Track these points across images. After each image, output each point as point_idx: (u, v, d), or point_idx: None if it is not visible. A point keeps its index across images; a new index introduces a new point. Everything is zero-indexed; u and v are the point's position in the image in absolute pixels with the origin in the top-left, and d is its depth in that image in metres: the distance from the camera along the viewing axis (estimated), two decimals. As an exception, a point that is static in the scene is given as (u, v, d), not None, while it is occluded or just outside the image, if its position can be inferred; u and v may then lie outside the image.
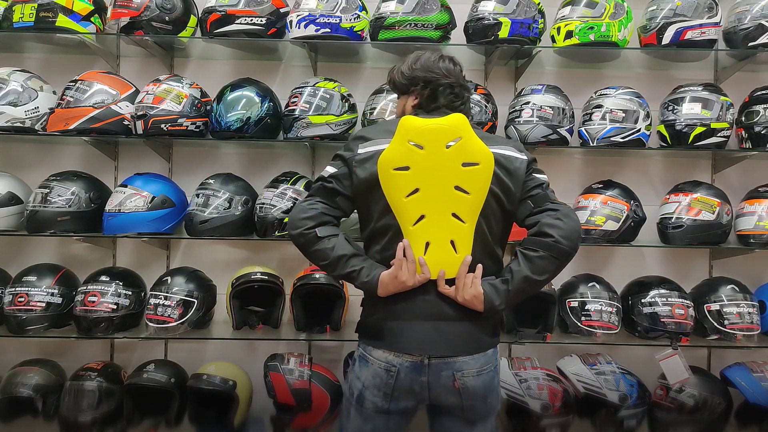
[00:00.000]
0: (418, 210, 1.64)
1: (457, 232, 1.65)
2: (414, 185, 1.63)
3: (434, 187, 1.63)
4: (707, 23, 2.68)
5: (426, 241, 1.65)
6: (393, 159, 1.63)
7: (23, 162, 2.93)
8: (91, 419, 2.52)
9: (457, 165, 1.63)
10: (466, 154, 1.63)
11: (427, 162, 1.62)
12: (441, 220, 1.64)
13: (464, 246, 1.66)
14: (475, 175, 1.64)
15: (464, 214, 1.65)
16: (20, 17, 2.63)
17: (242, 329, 2.70)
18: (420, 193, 1.63)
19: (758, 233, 2.66)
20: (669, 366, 2.55)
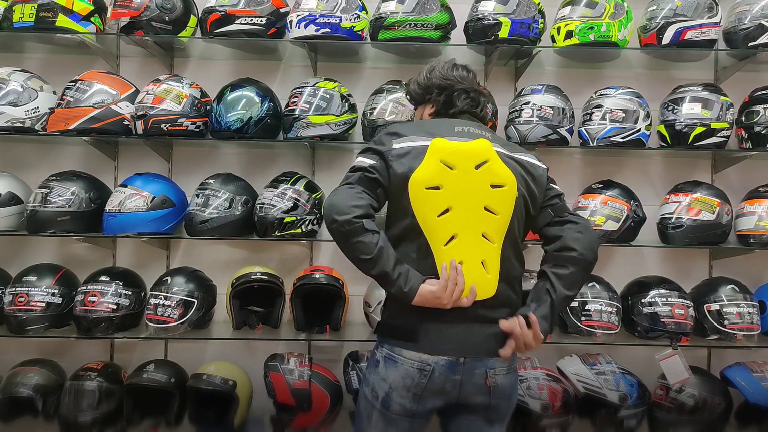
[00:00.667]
0: (450, 230, 1.67)
1: (487, 252, 1.69)
2: (446, 205, 1.66)
3: (465, 207, 1.67)
4: (707, 23, 2.68)
5: (459, 260, 1.67)
6: (425, 178, 1.65)
7: (23, 162, 2.93)
8: (91, 419, 2.51)
9: (486, 186, 1.68)
10: (493, 175, 1.69)
11: (458, 182, 1.67)
12: (472, 240, 1.68)
13: (493, 266, 1.70)
14: (503, 197, 1.69)
15: (493, 234, 1.70)
16: (20, 17, 2.63)
17: (242, 329, 2.70)
18: (451, 213, 1.66)
19: (758, 233, 2.66)
20: (669, 366, 2.55)
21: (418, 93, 1.93)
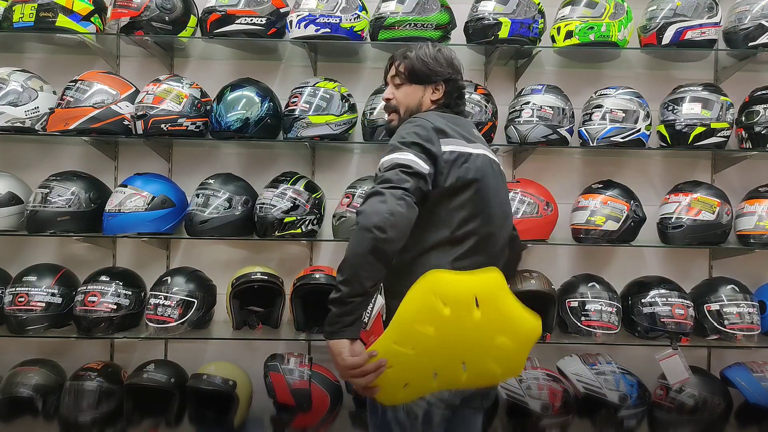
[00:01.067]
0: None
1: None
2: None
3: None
4: (707, 23, 2.68)
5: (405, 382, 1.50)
6: (439, 297, 1.43)
7: (23, 162, 2.93)
8: (91, 419, 2.52)
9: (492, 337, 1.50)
10: (503, 361, 1.54)
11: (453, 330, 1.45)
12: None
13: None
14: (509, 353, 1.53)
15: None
16: (20, 17, 2.63)
17: (242, 329, 2.70)
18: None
19: (758, 233, 2.66)
20: (669, 366, 2.55)
21: (424, 73, 1.76)
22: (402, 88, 1.80)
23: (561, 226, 2.76)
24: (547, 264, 2.91)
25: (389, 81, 1.83)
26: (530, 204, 2.64)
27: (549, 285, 2.69)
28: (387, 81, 1.85)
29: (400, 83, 1.80)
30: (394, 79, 1.81)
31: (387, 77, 1.85)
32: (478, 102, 2.66)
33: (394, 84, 1.81)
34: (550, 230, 2.72)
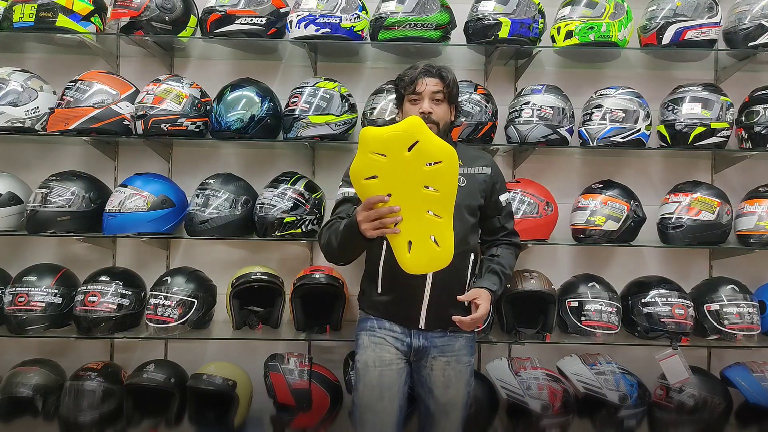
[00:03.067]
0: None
1: (436, 227, 1.73)
2: (385, 191, 1.70)
3: (404, 189, 1.69)
4: (707, 23, 2.68)
5: (408, 239, 1.72)
6: (360, 170, 1.70)
7: (23, 162, 2.93)
8: (91, 419, 2.52)
9: (421, 166, 1.68)
10: (426, 155, 1.68)
11: (392, 168, 1.68)
12: (418, 219, 1.71)
13: (446, 239, 1.74)
14: (440, 173, 1.69)
15: (439, 210, 1.72)
16: (20, 17, 2.63)
17: (242, 329, 2.70)
18: (393, 198, 1.70)
19: (758, 233, 2.66)
20: (669, 366, 2.56)
21: (456, 93, 2.08)
22: (442, 105, 2.03)
23: (561, 226, 2.76)
24: (547, 264, 2.91)
25: (429, 96, 2.01)
26: (530, 204, 2.64)
27: (549, 285, 2.69)
28: (420, 92, 2.00)
29: (442, 100, 2.03)
30: (436, 95, 2.01)
31: (423, 89, 2.00)
32: (478, 102, 2.66)
33: (435, 99, 2.01)
34: (550, 230, 2.72)
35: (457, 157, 1.71)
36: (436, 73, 2.02)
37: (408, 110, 2.04)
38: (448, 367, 2.05)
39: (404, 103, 2.07)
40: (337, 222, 1.94)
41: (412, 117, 1.71)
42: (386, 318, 2.05)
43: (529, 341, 2.66)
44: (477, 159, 2.12)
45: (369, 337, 2.06)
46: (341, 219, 1.95)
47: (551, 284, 2.70)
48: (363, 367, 2.04)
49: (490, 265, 2.09)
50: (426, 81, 2.01)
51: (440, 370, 2.04)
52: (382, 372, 2.01)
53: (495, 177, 2.12)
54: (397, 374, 2.02)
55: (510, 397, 2.57)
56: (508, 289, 2.66)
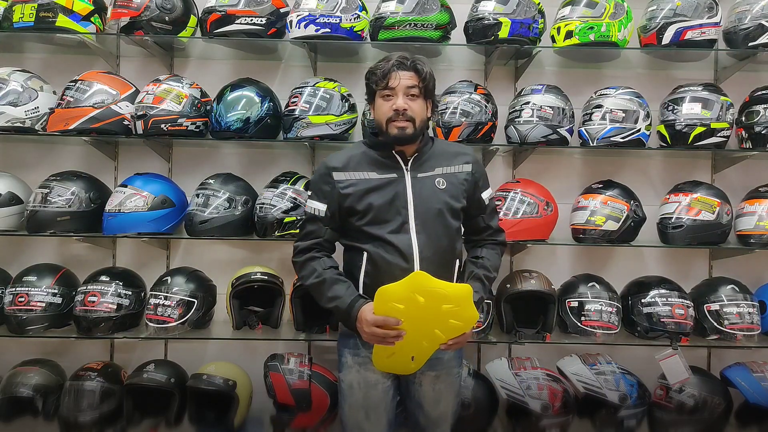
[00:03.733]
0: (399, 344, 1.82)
1: (421, 352, 1.86)
2: (401, 317, 1.78)
3: (418, 326, 1.80)
4: (707, 23, 2.68)
5: (393, 352, 1.83)
6: (395, 296, 1.77)
7: (23, 162, 2.93)
8: (91, 419, 2.52)
9: (446, 320, 1.81)
10: (456, 316, 1.81)
11: (421, 310, 1.77)
12: (412, 345, 1.83)
13: (422, 360, 1.87)
14: (456, 329, 1.83)
15: (432, 343, 1.84)
16: (20, 17, 2.63)
17: (242, 329, 2.70)
18: (404, 324, 1.79)
19: (758, 233, 2.66)
20: (669, 366, 2.56)
21: (433, 87, 1.96)
22: (417, 100, 1.91)
23: (561, 226, 2.76)
24: (547, 264, 2.91)
25: (404, 91, 1.88)
26: (530, 204, 2.64)
27: (549, 285, 2.69)
28: (393, 87, 1.89)
29: (417, 95, 1.90)
30: (411, 90, 1.89)
31: (397, 84, 1.88)
32: (478, 102, 2.66)
33: (410, 95, 1.89)
34: (550, 230, 2.72)
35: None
36: (410, 65, 1.89)
37: (380, 106, 1.92)
38: (438, 381, 1.99)
39: (376, 99, 1.94)
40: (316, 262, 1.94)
41: (465, 287, 1.78)
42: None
43: (529, 341, 2.66)
44: (456, 156, 2.01)
45: (352, 357, 1.97)
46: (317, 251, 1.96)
47: (551, 284, 2.70)
48: (348, 388, 1.98)
49: (473, 270, 2.01)
50: (400, 75, 1.88)
51: (430, 385, 1.98)
52: (367, 393, 1.95)
53: (477, 174, 2.02)
54: (383, 393, 1.97)
55: (510, 397, 2.57)
56: (507, 288, 2.67)
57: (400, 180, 1.93)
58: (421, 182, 1.93)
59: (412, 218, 1.89)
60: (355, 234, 1.93)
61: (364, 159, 1.96)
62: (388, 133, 1.91)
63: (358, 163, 1.95)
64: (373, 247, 1.89)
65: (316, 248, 1.96)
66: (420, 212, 1.90)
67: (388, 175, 1.93)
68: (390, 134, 1.90)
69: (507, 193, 2.68)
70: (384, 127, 1.91)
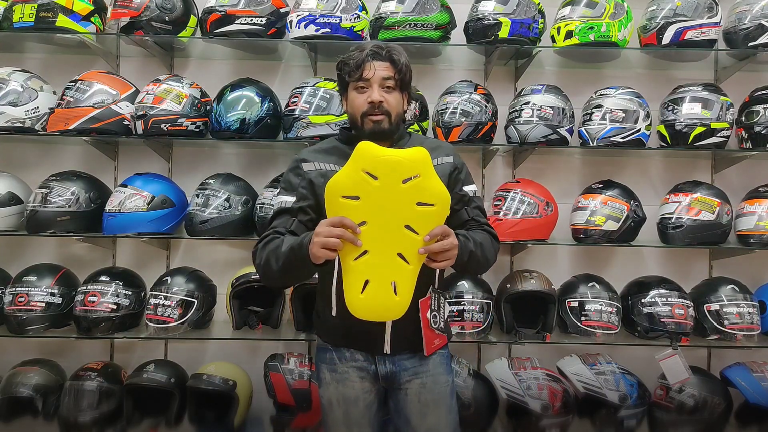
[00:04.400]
0: (363, 244, 1.51)
1: (401, 273, 1.54)
2: (361, 217, 1.51)
3: (383, 222, 1.51)
4: (707, 23, 2.68)
5: (365, 278, 1.53)
6: (344, 185, 1.51)
7: (23, 162, 2.93)
8: (91, 419, 2.52)
9: (412, 203, 1.52)
10: (422, 193, 1.52)
11: (379, 195, 1.51)
12: (385, 259, 1.52)
13: (406, 289, 1.55)
14: (429, 217, 1.53)
15: (411, 255, 1.53)
16: (20, 17, 2.63)
17: (242, 329, 2.70)
18: (367, 227, 1.51)
19: (758, 233, 2.66)
20: (669, 366, 2.56)
21: (408, 80, 1.80)
22: (393, 93, 1.77)
23: (561, 226, 2.76)
24: (547, 264, 2.91)
25: (378, 82, 1.74)
26: (530, 204, 2.64)
27: (549, 285, 2.69)
28: (368, 78, 1.74)
29: (393, 87, 1.76)
30: (387, 82, 1.75)
31: (372, 75, 1.74)
32: (478, 102, 2.66)
33: (386, 87, 1.75)
34: (550, 230, 2.72)
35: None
36: (386, 55, 1.75)
37: (353, 99, 1.78)
38: (424, 390, 1.80)
39: (349, 91, 1.80)
40: (276, 239, 1.70)
41: (420, 149, 1.53)
42: (345, 346, 1.80)
43: (529, 341, 2.66)
44: (436, 149, 1.84)
45: (330, 372, 1.83)
46: (278, 235, 1.72)
47: (551, 284, 2.70)
48: (327, 404, 1.84)
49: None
50: (374, 65, 1.74)
51: (415, 395, 1.81)
52: (348, 410, 1.81)
53: (459, 166, 1.86)
54: (366, 409, 1.82)
55: (510, 397, 2.57)
56: (507, 288, 2.66)
57: None
58: None
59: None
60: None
61: (336, 153, 1.82)
62: (362, 128, 1.77)
63: (329, 155, 1.82)
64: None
65: (275, 234, 1.75)
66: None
67: None
68: (365, 129, 1.76)
69: (507, 193, 2.68)
70: (359, 122, 1.78)
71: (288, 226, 1.74)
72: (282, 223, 1.76)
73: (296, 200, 1.78)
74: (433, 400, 1.82)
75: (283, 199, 1.80)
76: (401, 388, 1.82)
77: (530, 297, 2.65)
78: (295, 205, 1.77)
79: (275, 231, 1.74)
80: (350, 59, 1.77)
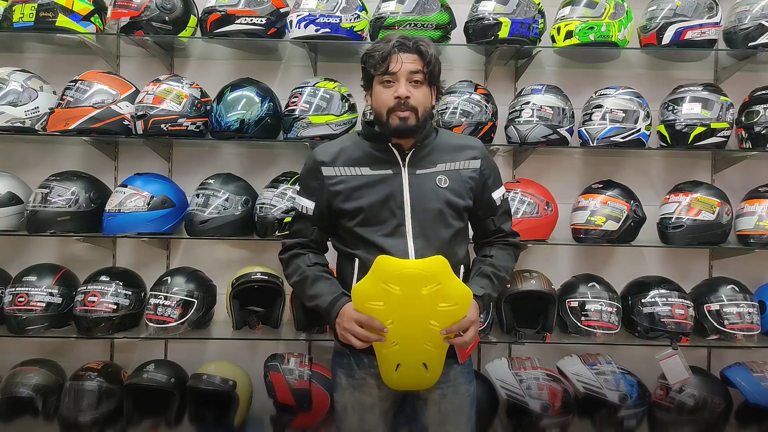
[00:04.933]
0: (392, 338, 1.64)
1: (429, 357, 1.67)
2: (388, 318, 1.62)
3: (409, 321, 1.63)
4: (707, 23, 2.68)
5: (398, 363, 1.67)
6: (368, 294, 1.62)
7: (23, 162, 2.93)
8: (91, 419, 2.51)
9: (434, 306, 1.62)
10: (443, 298, 1.62)
11: (402, 301, 1.61)
12: (413, 348, 1.65)
13: (436, 365, 1.68)
14: (451, 314, 1.63)
15: (437, 343, 1.65)
16: (20, 17, 2.63)
17: (242, 329, 2.70)
18: (394, 325, 1.62)
19: (758, 233, 2.66)
20: (669, 366, 2.56)
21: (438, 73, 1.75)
22: (421, 87, 1.71)
23: (561, 226, 2.76)
24: (547, 264, 2.91)
25: (406, 76, 1.68)
26: (530, 204, 2.64)
27: (549, 285, 2.69)
28: (394, 72, 1.67)
29: (421, 82, 1.70)
30: (414, 75, 1.68)
31: (399, 68, 1.67)
32: (478, 102, 2.66)
33: (414, 81, 1.69)
34: (550, 230, 2.72)
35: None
36: (413, 47, 1.67)
37: (379, 94, 1.70)
38: (445, 400, 1.77)
39: (374, 85, 1.73)
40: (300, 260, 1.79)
41: (438, 258, 1.60)
42: (364, 352, 1.73)
43: (529, 341, 2.66)
44: (462, 150, 1.80)
45: (347, 378, 1.80)
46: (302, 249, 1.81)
47: (551, 284, 2.70)
48: (342, 410, 1.81)
49: (480, 267, 1.81)
50: (401, 58, 1.66)
51: (435, 405, 1.77)
52: (362, 417, 1.78)
53: (486, 171, 1.80)
54: (381, 417, 1.79)
55: (510, 397, 2.57)
56: (507, 288, 2.66)
57: (395, 177, 1.73)
58: (419, 179, 1.73)
59: (409, 220, 1.70)
60: (346, 237, 1.77)
61: (356, 152, 1.77)
62: (388, 124, 1.70)
63: (349, 157, 1.76)
64: (365, 252, 1.70)
65: (301, 246, 1.82)
66: (418, 213, 1.70)
67: (382, 171, 1.73)
68: (390, 125, 1.70)
69: (507, 193, 2.67)
70: (384, 117, 1.70)
71: (309, 235, 1.81)
72: (303, 231, 1.82)
73: (315, 206, 1.78)
74: (452, 410, 1.78)
75: (303, 204, 1.81)
76: (420, 397, 1.79)
77: (530, 297, 2.65)
78: (316, 212, 1.78)
79: (298, 243, 1.82)
80: (375, 51, 1.69)
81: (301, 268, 1.78)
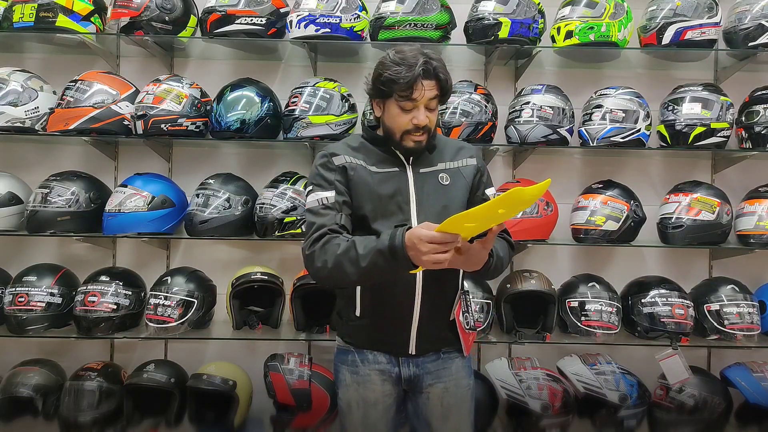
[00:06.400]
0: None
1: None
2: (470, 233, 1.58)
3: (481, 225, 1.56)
4: (707, 23, 2.68)
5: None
6: (483, 220, 1.52)
7: (23, 162, 2.93)
8: (91, 419, 2.51)
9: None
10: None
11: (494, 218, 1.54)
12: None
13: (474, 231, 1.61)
14: (503, 217, 1.55)
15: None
16: (20, 17, 2.63)
17: (242, 329, 2.70)
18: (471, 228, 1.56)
19: (758, 233, 2.66)
20: (669, 366, 2.56)
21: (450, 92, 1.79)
22: (435, 110, 1.76)
23: (561, 226, 2.76)
24: (547, 264, 2.91)
25: (426, 103, 1.71)
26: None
27: (549, 285, 2.69)
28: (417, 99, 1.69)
29: (435, 106, 1.76)
30: (431, 102, 1.72)
31: (421, 96, 1.69)
32: (478, 102, 2.66)
33: (431, 108, 1.73)
34: (550, 230, 2.72)
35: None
36: (434, 74, 1.70)
37: (396, 116, 1.73)
38: (447, 394, 1.81)
39: (389, 104, 1.74)
40: (335, 239, 1.65)
41: (548, 182, 1.47)
42: (369, 347, 1.79)
43: (529, 341, 2.66)
44: (459, 150, 1.87)
45: (351, 374, 1.81)
46: (334, 234, 1.67)
47: (551, 284, 2.70)
48: (346, 407, 1.83)
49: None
50: (424, 85, 1.69)
51: (438, 399, 1.81)
52: (367, 412, 1.80)
53: (482, 168, 1.87)
54: (384, 413, 1.80)
55: (510, 397, 2.57)
56: (507, 288, 2.67)
57: (401, 174, 1.78)
58: (423, 178, 1.79)
59: (415, 216, 1.74)
60: (353, 231, 1.76)
61: (362, 151, 1.82)
62: (401, 145, 1.76)
63: (357, 151, 1.81)
64: None
65: (332, 231, 1.70)
66: (424, 209, 1.75)
67: (388, 168, 1.79)
68: (404, 147, 1.76)
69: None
70: (397, 137, 1.75)
71: (338, 221, 1.71)
72: (330, 220, 1.70)
73: (336, 194, 1.74)
74: (455, 404, 1.82)
75: (321, 196, 1.74)
76: (423, 392, 1.81)
77: (530, 297, 2.65)
78: (339, 199, 1.73)
79: (329, 230, 1.68)
80: (400, 77, 1.67)
81: (342, 243, 1.64)
